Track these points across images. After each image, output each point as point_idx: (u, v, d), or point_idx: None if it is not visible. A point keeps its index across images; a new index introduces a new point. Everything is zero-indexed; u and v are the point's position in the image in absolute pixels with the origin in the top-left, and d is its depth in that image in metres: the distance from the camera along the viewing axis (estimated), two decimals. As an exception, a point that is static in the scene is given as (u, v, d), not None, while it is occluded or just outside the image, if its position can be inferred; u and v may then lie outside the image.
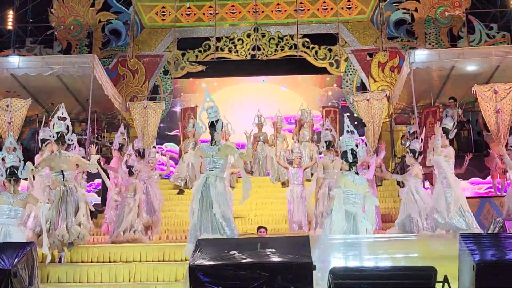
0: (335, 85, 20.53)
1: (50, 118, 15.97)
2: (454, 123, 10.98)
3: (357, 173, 8.09)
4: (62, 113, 9.73)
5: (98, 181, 15.43)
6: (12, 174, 7.96)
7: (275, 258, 5.05)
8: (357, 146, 8.35)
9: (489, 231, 9.36)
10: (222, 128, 8.75)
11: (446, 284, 5.35)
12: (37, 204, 8.13)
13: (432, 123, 14.97)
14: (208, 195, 8.25)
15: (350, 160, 8.05)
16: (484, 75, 15.50)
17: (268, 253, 5.10)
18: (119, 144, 13.64)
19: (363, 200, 7.90)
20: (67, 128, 9.41)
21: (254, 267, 4.95)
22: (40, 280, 8.21)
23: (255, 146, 16.83)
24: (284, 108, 19.44)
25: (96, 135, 16.92)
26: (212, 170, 8.39)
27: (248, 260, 5.04)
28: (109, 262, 9.07)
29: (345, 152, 8.13)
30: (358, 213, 7.77)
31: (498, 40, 18.41)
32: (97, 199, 15.53)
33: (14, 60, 15.68)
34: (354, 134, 8.57)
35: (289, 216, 12.68)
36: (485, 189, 12.64)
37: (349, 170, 8.07)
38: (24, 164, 8.13)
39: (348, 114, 18.02)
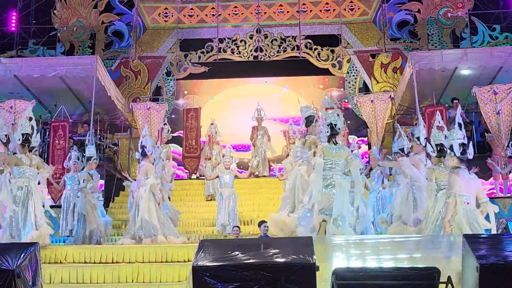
0: (338, 87, 20.57)
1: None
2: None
3: (335, 143, 8.79)
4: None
5: (101, 181, 15.44)
6: (26, 141, 9.29)
7: (278, 259, 5.05)
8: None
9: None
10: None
11: (449, 285, 5.35)
12: (44, 169, 9.64)
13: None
14: None
15: (329, 133, 8.75)
16: (487, 76, 15.51)
17: (271, 253, 5.10)
18: None
19: (345, 166, 8.63)
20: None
21: (257, 268, 4.94)
22: (43, 281, 8.30)
23: (255, 136, 16.76)
24: (286, 109, 19.48)
25: (99, 136, 16.92)
26: None
27: (251, 260, 5.04)
28: (112, 262, 9.09)
29: (326, 126, 8.84)
30: (341, 182, 8.45)
31: (501, 41, 18.37)
32: (100, 200, 15.53)
33: (17, 62, 15.74)
34: (334, 109, 9.13)
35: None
36: (488, 191, 12.64)
37: (328, 142, 8.79)
38: (37, 133, 9.56)
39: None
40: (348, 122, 18.75)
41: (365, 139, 18.70)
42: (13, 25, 19.74)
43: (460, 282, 5.60)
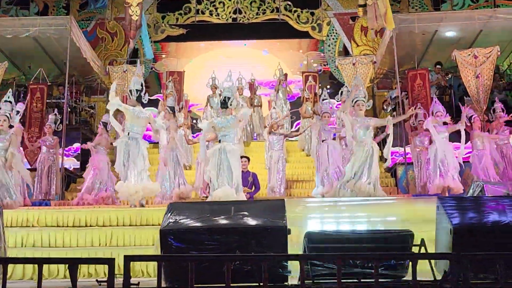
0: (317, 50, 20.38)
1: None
2: None
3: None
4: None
5: (76, 145, 15.24)
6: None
7: (249, 222, 4.95)
8: None
9: (469, 195, 9.34)
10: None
11: (422, 248, 5.30)
12: None
13: (421, 86, 14.90)
14: None
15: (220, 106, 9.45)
16: (467, 39, 15.44)
17: (241, 217, 4.99)
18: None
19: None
20: None
21: (227, 231, 4.84)
22: (15, 245, 8.17)
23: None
24: (266, 72, 19.28)
25: (75, 99, 16.64)
26: None
27: (221, 224, 4.93)
28: (86, 226, 8.94)
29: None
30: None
31: (482, 4, 18.20)
32: (76, 164, 15.37)
33: (-11, 22, 15.34)
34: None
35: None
36: (466, 154, 12.60)
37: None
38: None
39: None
40: (328, 86, 18.66)
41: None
42: (-15, -16, 19.20)
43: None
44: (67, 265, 4.09)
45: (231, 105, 9.39)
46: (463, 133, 11.53)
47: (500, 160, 12.15)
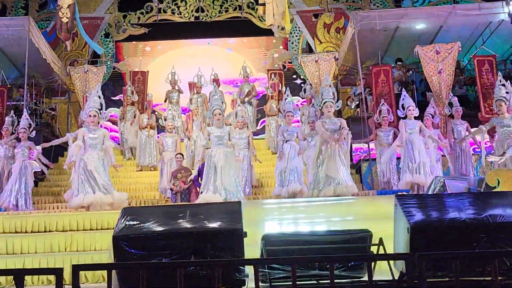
0: (281, 47, 20.35)
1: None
2: None
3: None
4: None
5: (38, 147, 14.92)
6: None
7: (204, 226, 4.85)
8: None
9: (430, 191, 9.38)
10: None
11: (381, 247, 5.28)
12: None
13: (384, 82, 14.98)
14: None
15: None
16: (428, 35, 15.54)
17: (197, 220, 4.89)
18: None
19: None
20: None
21: (181, 236, 4.74)
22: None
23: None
24: (230, 71, 19.19)
25: (35, 100, 16.33)
26: None
27: (175, 228, 4.83)
28: (45, 231, 8.77)
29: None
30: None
31: (442, 0, 18.39)
32: (37, 167, 15.03)
33: None
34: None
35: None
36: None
37: None
38: None
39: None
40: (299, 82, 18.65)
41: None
42: None
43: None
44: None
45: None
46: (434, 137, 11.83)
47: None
